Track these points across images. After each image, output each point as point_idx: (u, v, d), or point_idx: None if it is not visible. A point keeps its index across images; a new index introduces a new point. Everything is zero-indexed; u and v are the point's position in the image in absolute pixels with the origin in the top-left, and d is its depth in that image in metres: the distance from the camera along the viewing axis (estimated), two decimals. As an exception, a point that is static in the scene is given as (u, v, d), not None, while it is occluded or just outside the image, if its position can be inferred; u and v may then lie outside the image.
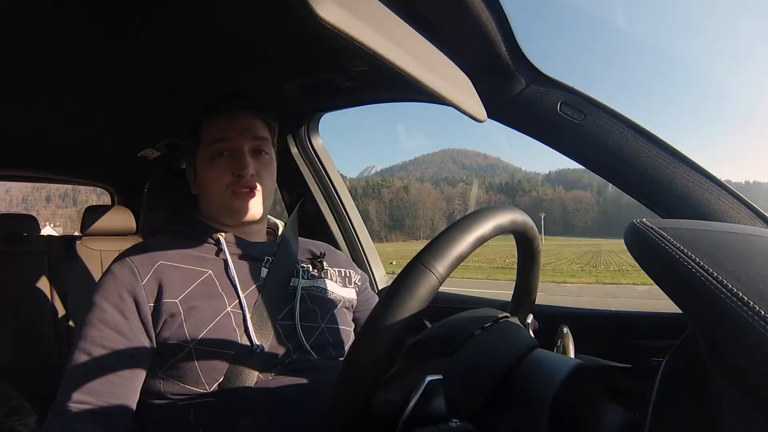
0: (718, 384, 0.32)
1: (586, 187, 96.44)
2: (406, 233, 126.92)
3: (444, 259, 0.39)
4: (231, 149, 0.77)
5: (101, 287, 0.71)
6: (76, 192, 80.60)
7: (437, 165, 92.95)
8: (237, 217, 0.78)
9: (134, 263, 0.71)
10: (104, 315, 0.68)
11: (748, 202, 0.67)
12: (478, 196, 73.61)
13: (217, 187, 0.77)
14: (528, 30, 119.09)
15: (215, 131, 0.77)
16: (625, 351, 0.84)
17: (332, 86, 1.01)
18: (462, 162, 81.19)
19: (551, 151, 0.83)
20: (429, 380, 0.38)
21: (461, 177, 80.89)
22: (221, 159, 0.77)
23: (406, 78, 0.41)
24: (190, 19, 0.78)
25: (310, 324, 0.76)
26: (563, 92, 0.76)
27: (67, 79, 1.01)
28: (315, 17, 0.30)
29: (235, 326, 0.70)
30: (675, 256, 0.33)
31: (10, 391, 1.24)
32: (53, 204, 74.45)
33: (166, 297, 0.69)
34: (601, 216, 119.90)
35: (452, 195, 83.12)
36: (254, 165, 0.77)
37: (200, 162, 0.79)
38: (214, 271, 0.74)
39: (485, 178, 77.85)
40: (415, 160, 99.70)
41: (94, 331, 0.67)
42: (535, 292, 0.63)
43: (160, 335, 0.68)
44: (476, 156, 64.16)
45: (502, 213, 0.46)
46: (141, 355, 0.68)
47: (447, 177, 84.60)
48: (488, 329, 0.50)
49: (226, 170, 0.76)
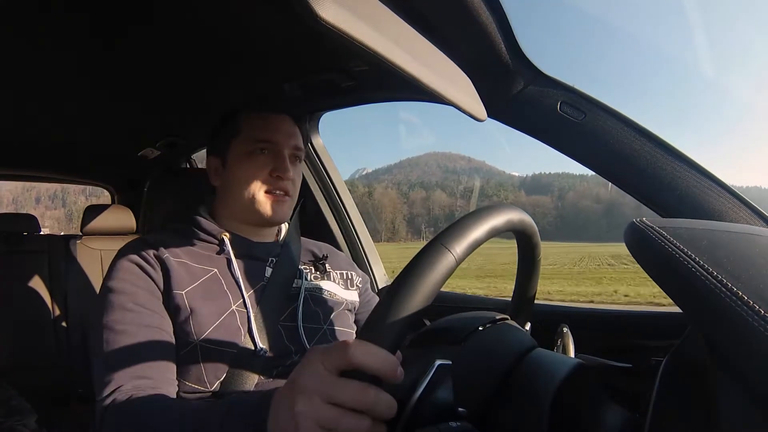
0: (718, 384, 0.32)
1: (547, 192, 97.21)
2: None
3: (462, 241, 0.40)
4: (272, 149, 0.77)
5: (119, 272, 0.69)
6: (65, 193, 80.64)
7: (422, 168, 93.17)
8: (263, 218, 0.77)
9: (143, 252, 0.71)
10: (136, 297, 0.67)
11: (748, 202, 0.67)
12: (445, 200, 74.53)
13: (252, 183, 0.76)
14: (528, 30, 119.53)
15: (260, 129, 0.77)
16: (625, 351, 0.84)
17: (332, 86, 1.01)
18: (446, 165, 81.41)
19: (538, 155, 0.83)
20: (438, 364, 0.39)
21: (437, 182, 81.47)
22: (261, 155, 0.76)
23: (406, 78, 0.41)
24: (190, 19, 0.78)
25: (312, 326, 0.76)
26: (563, 92, 0.76)
27: (67, 79, 1.01)
28: (315, 17, 0.30)
29: (240, 325, 0.70)
30: (675, 255, 0.33)
31: (10, 391, 1.24)
32: (42, 205, 74.53)
33: (174, 287, 0.69)
34: (559, 220, 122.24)
35: (415, 199, 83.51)
36: (292, 170, 0.77)
37: (234, 154, 0.78)
38: (219, 270, 0.74)
39: (460, 182, 78.29)
40: (400, 163, 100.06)
41: (131, 315, 0.65)
42: (533, 297, 0.63)
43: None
44: (461, 159, 64.49)
45: (513, 211, 0.48)
46: (173, 336, 0.68)
47: (423, 181, 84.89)
48: (488, 329, 0.50)
49: (264, 168, 0.76)
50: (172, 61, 0.94)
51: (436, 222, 76.99)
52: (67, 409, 1.41)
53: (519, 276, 0.60)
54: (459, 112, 0.55)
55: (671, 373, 0.39)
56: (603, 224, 74.66)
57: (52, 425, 1.24)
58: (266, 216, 0.77)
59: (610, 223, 75.23)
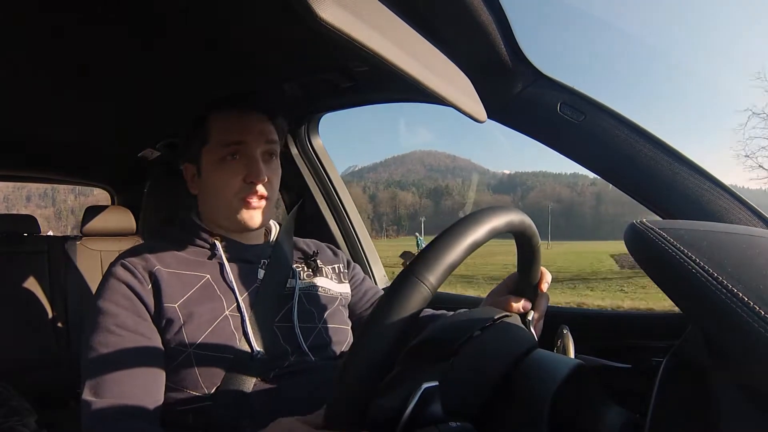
0: (718, 384, 0.32)
1: (510, 192, 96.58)
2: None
3: (436, 269, 0.39)
4: (244, 152, 0.74)
5: (106, 291, 0.69)
6: (55, 192, 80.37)
7: (406, 166, 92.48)
8: (242, 226, 0.76)
9: (133, 266, 0.71)
10: (119, 319, 0.67)
11: (748, 203, 0.67)
12: (410, 200, 74.36)
13: (226, 192, 0.74)
14: (528, 30, 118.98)
15: (227, 132, 0.74)
16: (625, 351, 0.84)
17: (332, 86, 1.01)
18: (430, 164, 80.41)
19: (525, 152, 0.83)
20: (425, 387, 0.38)
21: (413, 182, 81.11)
22: (233, 161, 0.74)
23: (406, 78, 0.41)
24: (189, 19, 0.78)
25: (307, 325, 0.76)
26: (563, 92, 0.76)
27: (67, 79, 1.01)
28: (315, 17, 0.30)
29: (234, 330, 0.70)
30: (675, 256, 0.33)
31: (10, 391, 1.24)
32: (33, 203, 74.21)
33: (165, 301, 0.69)
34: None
35: (383, 198, 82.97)
36: (266, 171, 0.74)
37: (206, 162, 0.76)
38: (211, 276, 0.74)
39: (436, 180, 78.00)
40: (385, 162, 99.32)
41: (114, 338, 0.66)
42: (537, 290, 0.64)
43: (161, 339, 0.68)
44: (445, 158, 63.31)
45: (497, 216, 0.45)
46: (161, 353, 0.68)
47: (400, 181, 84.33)
48: (487, 330, 0.49)
49: (237, 175, 0.73)
50: (172, 62, 0.94)
51: (399, 220, 76.90)
52: (67, 409, 1.40)
53: (519, 269, 0.62)
54: (455, 112, 0.55)
55: (671, 373, 0.39)
56: (561, 223, 74.79)
57: (52, 425, 1.24)
58: (243, 224, 0.75)
59: (569, 223, 75.29)
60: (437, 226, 68.75)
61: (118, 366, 0.64)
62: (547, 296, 0.65)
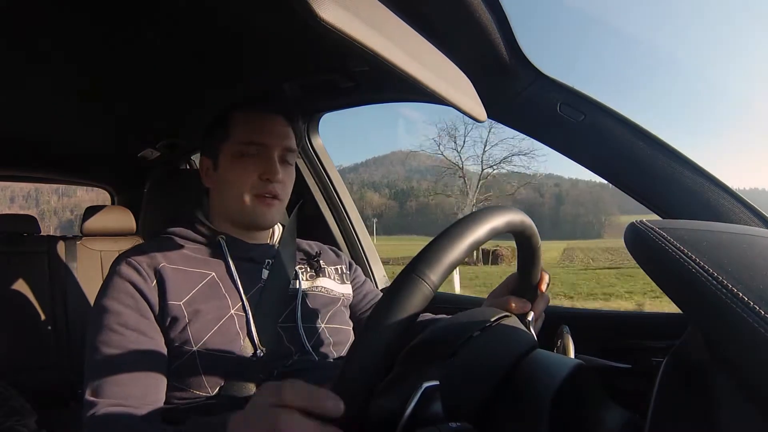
0: (718, 384, 0.32)
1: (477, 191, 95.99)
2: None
3: (437, 267, 0.39)
4: (262, 151, 0.75)
5: (110, 290, 0.69)
6: (38, 193, 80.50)
7: (386, 167, 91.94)
8: (252, 221, 0.77)
9: (138, 264, 0.71)
10: (122, 318, 0.67)
11: (748, 203, 0.67)
12: (377, 201, 74.32)
13: (241, 186, 0.75)
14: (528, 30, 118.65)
15: (249, 130, 0.76)
16: (625, 351, 0.84)
17: (332, 86, 1.01)
18: (410, 165, 79.90)
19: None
20: (425, 387, 0.38)
21: (387, 183, 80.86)
22: (250, 158, 0.75)
23: (406, 78, 0.41)
24: (190, 19, 0.78)
25: (311, 325, 0.77)
26: (563, 92, 0.76)
27: (67, 79, 1.01)
28: (315, 17, 0.30)
29: (239, 329, 0.70)
30: (675, 256, 0.33)
31: (10, 391, 1.24)
32: (17, 204, 74.28)
33: (170, 299, 0.68)
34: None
35: (353, 199, 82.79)
36: (281, 173, 0.76)
37: (224, 156, 0.77)
38: (216, 273, 0.74)
39: (410, 182, 77.84)
40: (366, 162, 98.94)
41: (117, 337, 0.65)
42: (537, 291, 0.63)
43: (164, 338, 0.68)
44: (426, 158, 62.74)
45: (497, 215, 0.45)
46: (164, 353, 0.68)
47: (376, 182, 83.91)
48: (487, 330, 0.49)
49: (253, 171, 0.75)
50: (172, 62, 0.94)
51: (365, 221, 77.38)
52: (67, 410, 1.41)
53: (519, 269, 0.62)
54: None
55: (671, 374, 0.39)
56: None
57: (52, 425, 1.24)
58: (255, 219, 0.76)
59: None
60: (401, 227, 68.38)
61: (120, 366, 0.64)
62: (547, 297, 0.66)
